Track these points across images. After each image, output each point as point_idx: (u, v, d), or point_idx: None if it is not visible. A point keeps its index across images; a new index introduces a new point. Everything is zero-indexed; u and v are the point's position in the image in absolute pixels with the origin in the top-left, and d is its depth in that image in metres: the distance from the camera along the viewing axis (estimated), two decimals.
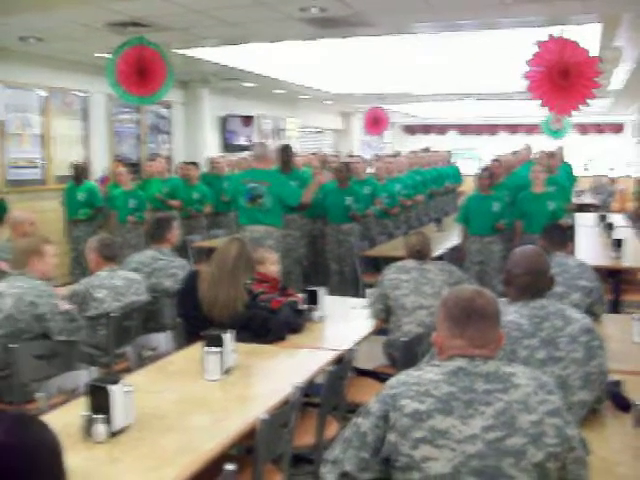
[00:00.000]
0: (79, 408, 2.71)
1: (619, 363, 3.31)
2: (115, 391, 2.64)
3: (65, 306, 4.08)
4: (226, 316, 4.05)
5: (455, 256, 7.97)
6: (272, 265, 4.74)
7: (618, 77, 10.48)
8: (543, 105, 6.43)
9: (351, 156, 12.34)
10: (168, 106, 11.77)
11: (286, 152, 7.94)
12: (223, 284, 4.13)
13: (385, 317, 4.60)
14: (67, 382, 3.27)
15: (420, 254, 4.68)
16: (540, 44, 6.14)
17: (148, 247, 5.62)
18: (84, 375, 3.28)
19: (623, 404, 2.89)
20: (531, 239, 6.59)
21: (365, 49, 9.30)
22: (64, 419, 2.75)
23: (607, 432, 2.73)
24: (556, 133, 12.73)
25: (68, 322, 4.02)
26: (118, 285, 4.64)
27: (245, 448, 3.35)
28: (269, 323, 4.06)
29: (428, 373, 2.01)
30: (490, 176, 7.62)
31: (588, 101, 6.35)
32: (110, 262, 4.74)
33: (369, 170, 10.06)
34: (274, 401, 3.03)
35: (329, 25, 6.97)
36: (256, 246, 5.54)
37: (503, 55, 9.31)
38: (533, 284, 2.86)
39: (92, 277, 4.66)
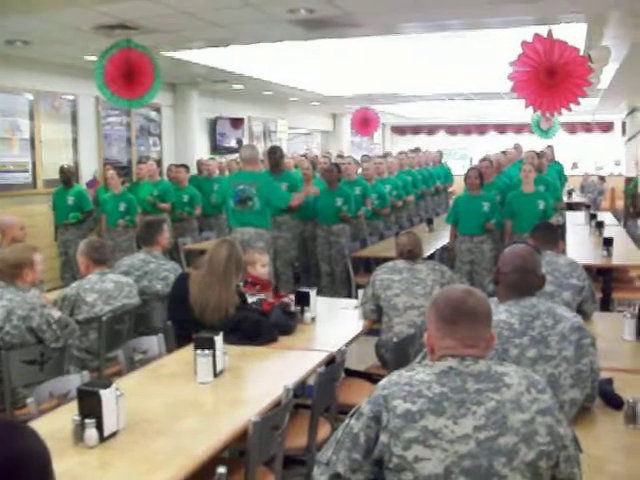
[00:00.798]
0: (70, 413, 2.70)
1: (610, 361, 3.33)
2: (106, 395, 2.62)
3: (57, 313, 4.05)
4: (217, 319, 4.04)
5: (445, 256, 7.99)
6: (262, 267, 4.74)
7: (608, 76, 10.50)
8: (527, 105, 6.43)
9: (342, 157, 12.34)
10: (157, 109, 11.74)
11: (275, 154, 7.93)
12: (214, 287, 4.13)
13: (376, 317, 4.60)
14: (58, 387, 3.26)
15: (411, 254, 4.68)
16: (525, 45, 6.14)
17: (139, 250, 5.61)
18: (75, 379, 3.27)
19: (614, 402, 2.90)
20: (521, 238, 6.61)
21: (354, 50, 9.30)
22: (55, 424, 2.74)
23: (599, 430, 2.74)
24: (545, 133, 12.77)
25: (62, 329, 4.00)
26: (108, 288, 4.62)
27: (237, 450, 3.35)
28: (260, 325, 4.06)
29: (419, 373, 2.01)
30: (479, 176, 7.63)
31: (578, 100, 6.36)
32: (100, 265, 4.72)
33: (359, 171, 10.06)
34: (266, 403, 3.03)
35: (317, 26, 6.96)
36: (247, 248, 5.55)
37: (492, 55, 9.33)
38: (521, 282, 2.86)
39: (83, 281, 4.63)
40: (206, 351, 3.32)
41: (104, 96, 7.08)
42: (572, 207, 12.20)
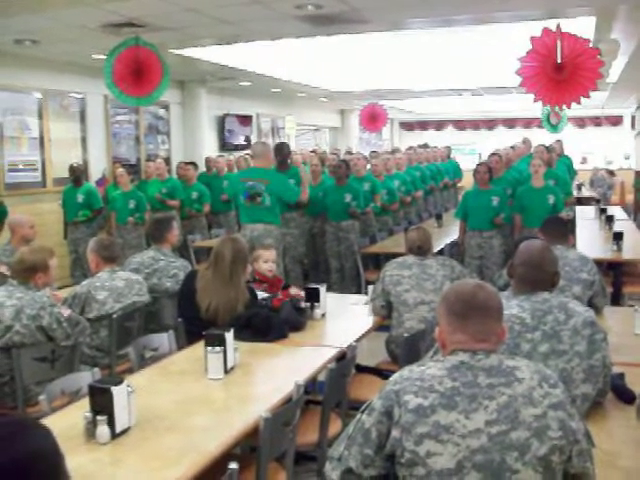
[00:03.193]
0: (82, 410, 2.71)
1: (621, 355, 3.32)
2: (118, 392, 2.63)
3: (67, 311, 4.06)
4: (228, 317, 4.04)
5: (454, 251, 7.97)
6: (265, 262, 4.72)
7: (617, 69, 10.46)
8: (536, 100, 6.40)
9: (350, 153, 12.32)
10: (166, 106, 11.75)
11: (282, 150, 7.93)
12: (223, 289, 4.12)
13: (386, 313, 4.60)
14: (69, 384, 3.27)
15: (421, 250, 4.67)
16: (534, 40, 6.11)
17: (148, 248, 5.62)
18: (86, 377, 3.28)
19: (626, 396, 2.89)
20: (531, 233, 6.59)
21: (361, 46, 9.29)
22: (67, 421, 2.75)
23: (611, 424, 2.73)
24: (554, 127, 12.71)
25: (73, 327, 4.01)
26: (119, 286, 4.64)
27: (248, 447, 3.35)
28: (270, 321, 4.06)
29: (431, 368, 2.01)
30: (488, 171, 7.61)
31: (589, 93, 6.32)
32: (110, 263, 4.73)
33: (368, 167, 10.05)
34: (277, 399, 3.04)
35: (325, 22, 6.96)
36: (256, 244, 5.55)
37: (500, 49, 9.30)
38: (526, 276, 2.85)
39: (93, 279, 4.64)
40: (217, 348, 3.32)
41: (113, 94, 7.09)
42: (582, 201, 12.14)
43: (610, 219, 8.17)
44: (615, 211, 9.64)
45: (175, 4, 6.12)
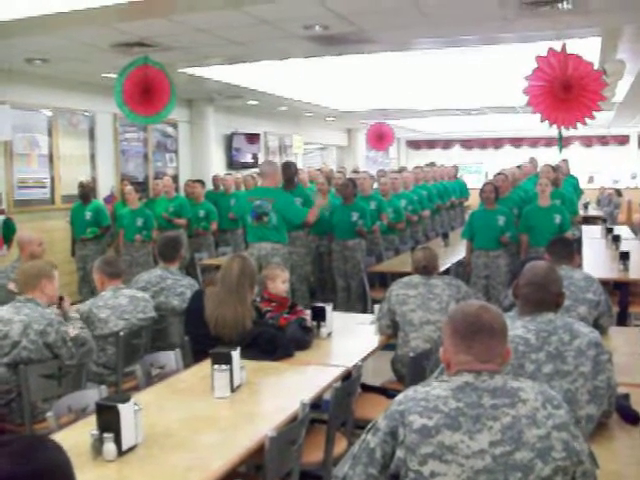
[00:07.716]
0: (88, 427, 2.73)
1: (626, 376, 3.31)
2: (125, 410, 2.65)
3: (73, 331, 4.07)
4: (234, 334, 4.06)
5: (461, 270, 7.97)
6: (283, 283, 4.71)
7: (623, 89, 10.48)
8: (543, 119, 6.42)
9: (357, 172, 12.37)
10: (174, 125, 11.82)
11: (289, 169, 7.96)
12: (230, 303, 4.14)
13: (392, 333, 4.60)
14: (76, 401, 3.28)
15: (427, 269, 4.68)
16: (539, 59, 6.14)
17: (156, 266, 5.64)
18: (93, 394, 3.29)
19: (631, 417, 2.89)
20: (537, 252, 6.61)
21: (368, 65, 9.34)
22: (74, 438, 2.76)
23: (615, 445, 2.73)
24: (560, 147, 12.70)
25: (78, 348, 4.03)
26: (122, 304, 4.64)
27: (254, 465, 3.35)
28: (277, 340, 4.07)
29: (436, 389, 2.02)
30: (495, 190, 7.63)
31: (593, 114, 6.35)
32: (115, 279, 4.75)
33: (375, 186, 10.08)
34: (282, 418, 3.04)
35: (332, 42, 7.01)
36: (266, 263, 5.56)
37: (506, 69, 9.34)
38: (530, 296, 2.86)
39: (96, 298, 4.67)
40: (223, 366, 3.33)
41: (123, 113, 7.14)
42: (588, 221, 12.15)
43: (617, 238, 8.17)
44: (622, 230, 9.63)
45: (185, 25, 6.18)
